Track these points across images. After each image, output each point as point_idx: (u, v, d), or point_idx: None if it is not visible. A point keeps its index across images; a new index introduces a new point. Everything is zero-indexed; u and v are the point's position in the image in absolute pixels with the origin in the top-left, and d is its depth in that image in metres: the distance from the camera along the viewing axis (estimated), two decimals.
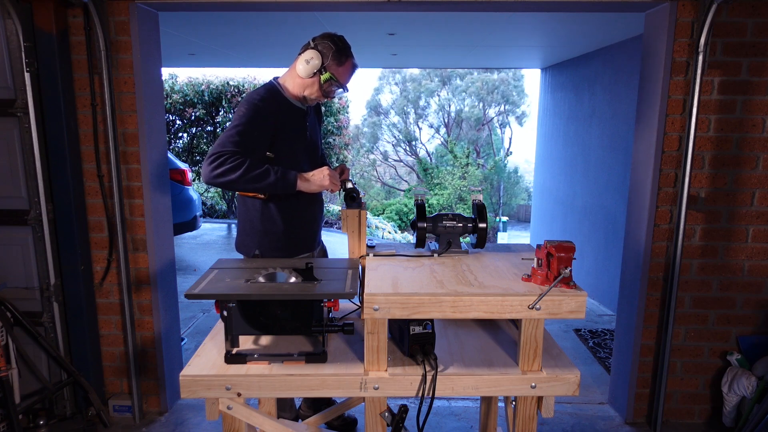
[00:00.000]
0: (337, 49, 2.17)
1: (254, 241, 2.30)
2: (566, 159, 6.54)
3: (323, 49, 2.16)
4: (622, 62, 5.01)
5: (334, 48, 2.17)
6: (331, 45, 2.17)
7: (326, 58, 2.16)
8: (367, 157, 24.07)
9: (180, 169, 6.27)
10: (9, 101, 2.46)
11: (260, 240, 2.29)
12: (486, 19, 4.17)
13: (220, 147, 2.03)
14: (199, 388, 1.50)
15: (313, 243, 2.45)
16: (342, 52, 2.18)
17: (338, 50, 2.17)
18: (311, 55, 2.15)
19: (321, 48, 2.17)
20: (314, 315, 1.56)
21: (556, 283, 1.49)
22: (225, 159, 2.00)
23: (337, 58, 2.17)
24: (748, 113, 2.56)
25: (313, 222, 2.42)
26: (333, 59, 2.16)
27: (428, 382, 1.50)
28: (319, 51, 2.16)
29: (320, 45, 2.17)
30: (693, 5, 2.46)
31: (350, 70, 2.24)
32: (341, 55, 2.18)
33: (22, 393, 2.59)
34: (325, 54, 2.16)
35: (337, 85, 2.23)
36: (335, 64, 2.17)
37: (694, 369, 2.81)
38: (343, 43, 2.21)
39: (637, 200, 2.77)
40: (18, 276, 2.62)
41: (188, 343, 3.93)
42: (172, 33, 4.75)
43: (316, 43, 2.18)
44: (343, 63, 2.19)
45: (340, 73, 2.20)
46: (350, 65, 2.23)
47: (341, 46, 2.19)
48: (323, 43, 2.18)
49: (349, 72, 2.25)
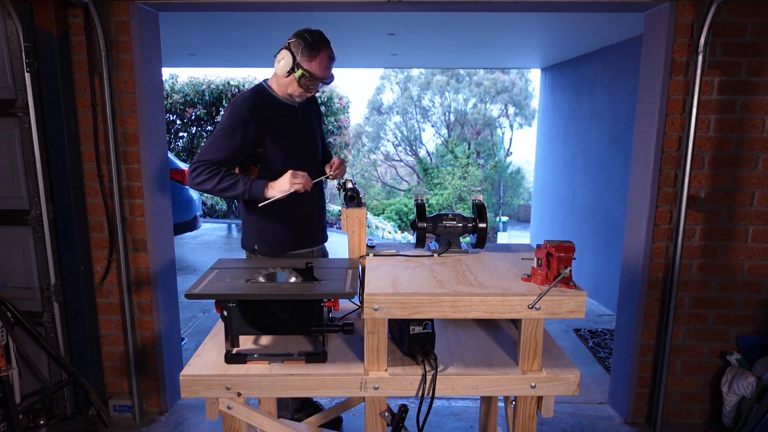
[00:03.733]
0: (306, 45, 2.18)
1: (255, 238, 2.35)
2: (566, 159, 6.54)
3: (293, 48, 2.19)
4: (622, 62, 5.01)
5: (303, 44, 2.18)
6: (300, 42, 2.18)
7: (297, 55, 2.18)
8: (368, 157, 24.06)
9: (180, 169, 6.27)
10: (9, 101, 2.46)
11: (261, 236, 2.34)
12: (486, 19, 4.17)
13: (199, 157, 2.18)
14: (199, 387, 1.50)
15: (317, 238, 2.48)
16: (313, 47, 2.18)
17: (308, 46, 2.18)
18: (282, 55, 2.20)
19: (292, 46, 2.19)
20: (314, 315, 1.56)
21: (555, 283, 1.49)
22: (202, 170, 2.15)
23: (308, 54, 2.18)
24: (748, 113, 2.56)
25: (312, 217, 2.45)
26: (303, 56, 2.18)
27: (428, 382, 1.50)
28: (289, 50, 2.19)
29: (291, 43, 2.20)
30: (693, 5, 2.46)
31: (325, 63, 2.23)
32: (311, 50, 2.18)
33: (23, 393, 2.59)
34: (295, 51, 2.18)
35: (313, 80, 2.23)
36: (306, 60, 2.18)
37: (693, 369, 2.81)
38: (314, 38, 2.20)
39: (637, 200, 2.77)
40: (18, 276, 2.62)
41: (188, 343, 3.93)
42: (172, 33, 4.75)
43: (288, 41, 2.21)
44: (314, 58, 2.19)
45: (313, 68, 2.20)
46: (323, 58, 2.21)
47: (311, 41, 2.18)
48: (294, 41, 2.20)
49: (324, 65, 2.23)
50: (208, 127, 10.44)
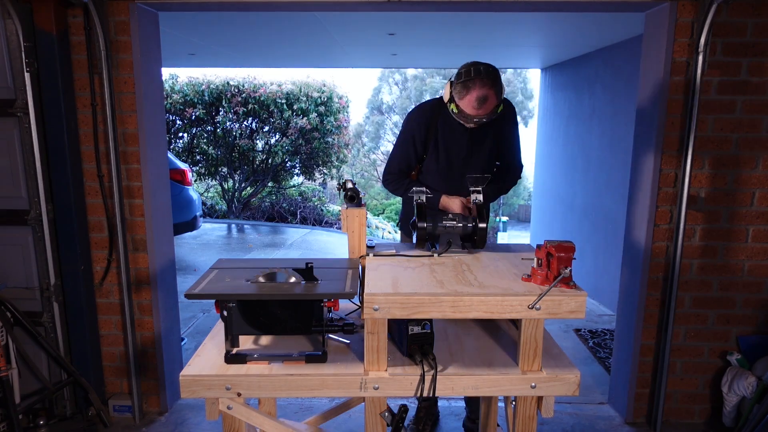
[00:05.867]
0: (459, 80, 2.16)
1: None
2: (566, 159, 6.54)
3: (454, 78, 2.21)
4: (622, 62, 5.01)
5: (457, 79, 2.17)
6: (457, 76, 2.18)
7: (453, 88, 2.21)
8: (368, 157, 24.05)
9: (180, 169, 6.28)
10: (9, 101, 2.46)
11: None
12: (486, 19, 4.17)
13: None
14: (199, 388, 1.50)
15: None
16: (465, 84, 2.13)
17: (460, 82, 2.15)
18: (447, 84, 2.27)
19: (453, 77, 2.22)
20: (314, 315, 1.56)
21: (555, 283, 1.49)
22: None
23: (459, 90, 2.16)
24: (748, 113, 2.56)
25: None
26: (455, 90, 2.18)
27: (427, 382, 1.50)
28: (450, 80, 2.24)
29: (455, 74, 2.21)
30: (693, 5, 2.46)
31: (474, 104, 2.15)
32: (463, 87, 2.14)
33: (22, 393, 2.59)
34: (454, 83, 2.21)
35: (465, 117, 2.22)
36: (458, 95, 2.17)
37: (693, 369, 2.81)
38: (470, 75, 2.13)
39: (637, 200, 2.77)
40: (18, 276, 2.62)
41: (188, 343, 3.93)
42: (172, 33, 4.75)
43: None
44: (464, 96, 2.15)
45: (463, 105, 2.17)
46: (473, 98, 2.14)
47: (464, 78, 2.13)
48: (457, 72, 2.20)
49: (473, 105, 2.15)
50: (208, 127, 10.45)
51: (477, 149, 2.42)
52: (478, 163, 2.43)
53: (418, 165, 2.48)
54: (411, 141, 2.42)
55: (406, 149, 2.44)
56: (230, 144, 10.49)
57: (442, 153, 2.41)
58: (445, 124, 2.37)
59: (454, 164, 2.42)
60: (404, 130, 2.46)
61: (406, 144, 2.44)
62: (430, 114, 2.40)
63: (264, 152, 10.80)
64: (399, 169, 2.46)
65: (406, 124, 2.45)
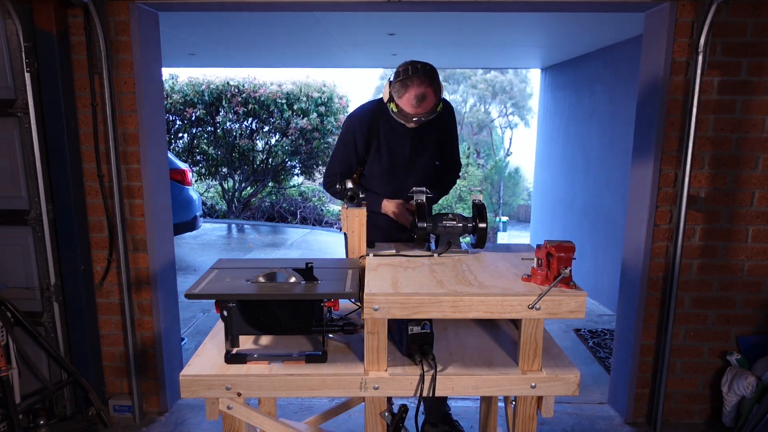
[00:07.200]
0: (396, 79, 2.17)
1: None
2: (566, 159, 6.54)
3: (393, 77, 2.21)
4: (622, 62, 5.01)
5: (395, 78, 2.18)
6: (395, 74, 2.19)
7: (391, 87, 2.21)
8: None
9: (180, 169, 6.28)
10: (9, 101, 2.46)
11: None
12: (486, 19, 4.17)
13: None
14: (199, 388, 1.50)
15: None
16: (403, 82, 2.14)
17: (398, 81, 2.16)
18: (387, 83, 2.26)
19: (392, 76, 2.21)
20: (314, 315, 1.56)
21: (555, 283, 1.49)
22: None
23: (398, 89, 2.17)
24: (748, 113, 2.56)
25: None
26: (394, 89, 2.19)
27: (426, 382, 1.50)
28: (389, 80, 2.23)
29: (394, 72, 2.21)
30: (693, 5, 2.46)
31: (412, 102, 2.17)
32: (401, 86, 2.16)
33: (22, 393, 2.59)
34: (392, 81, 2.21)
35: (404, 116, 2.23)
36: (396, 94, 2.18)
37: (693, 369, 2.81)
38: (408, 73, 2.15)
39: (637, 200, 2.77)
40: (18, 276, 2.62)
41: (188, 343, 3.93)
42: (172, 33, 4.75)
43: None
44: (403, 95, 2.16)
45: (402, 104, 2.18)
46: (411, 96, 2.15)
47: (402, 76, 2.15)
48: (395, 70, 2.21)
49: (411, 103, 2.17)
50: (208, 127, 10.45)
51: (420, 150, 2.40)
52: (421, 163, 2.42)
53: (359, 168, 2.45)
54: (352, 143, 2.38)
55: (346, 152, 2.40)
56: (230, 144, 10.49)
57: (384, 155, 2.37)
58: (387, 125, 2.34)
59: (397, 166, 2.39)
60: (345, 132, 2.41)
61: (346, 146, 2.40)
62: (372, 116, 2.36)
63: (264, 152, 10.80)
64: (341, 171, 2.41)
65: (347, 126, 2.40)
